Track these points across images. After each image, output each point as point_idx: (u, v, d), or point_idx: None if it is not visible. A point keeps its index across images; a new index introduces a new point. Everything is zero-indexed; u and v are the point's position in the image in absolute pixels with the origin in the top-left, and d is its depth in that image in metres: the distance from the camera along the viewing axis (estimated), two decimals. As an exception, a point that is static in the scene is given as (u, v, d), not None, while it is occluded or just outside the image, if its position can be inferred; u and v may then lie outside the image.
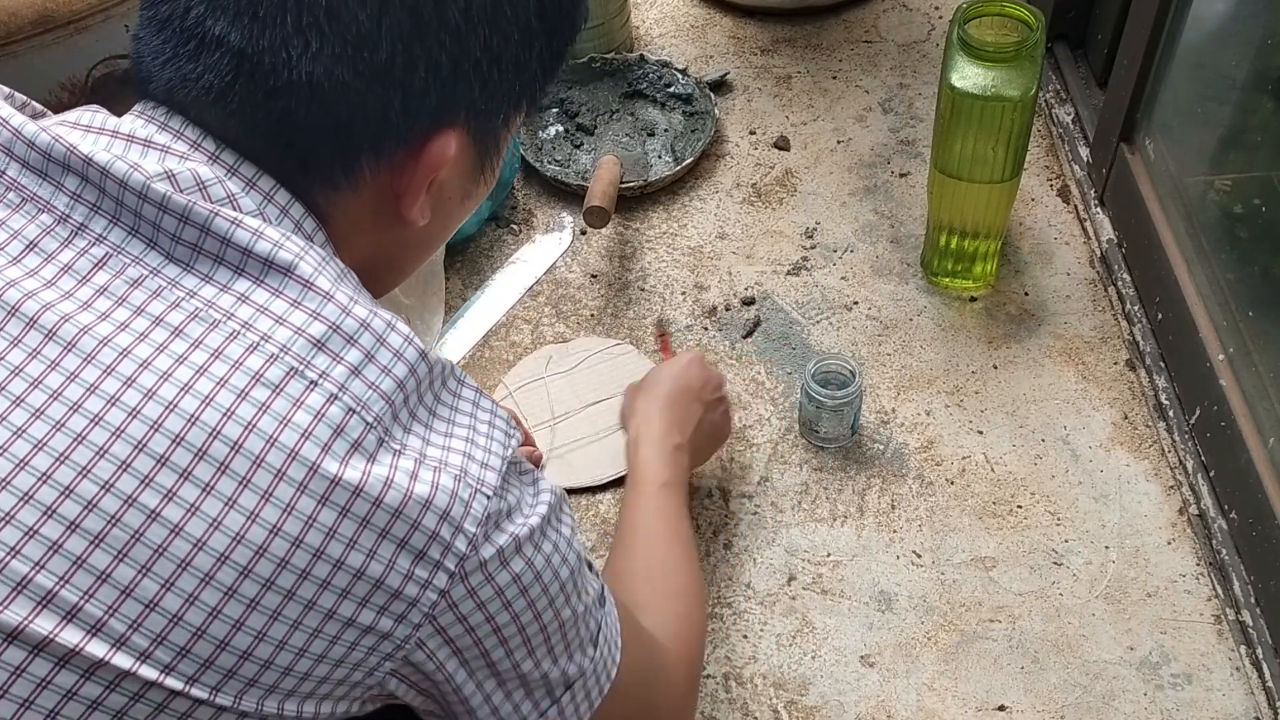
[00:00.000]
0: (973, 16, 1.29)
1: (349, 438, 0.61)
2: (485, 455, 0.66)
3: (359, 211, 0.70)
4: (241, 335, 0.62)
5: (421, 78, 0.65)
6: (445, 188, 0.72)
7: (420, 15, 0.64)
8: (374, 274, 0.74)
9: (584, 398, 1.38)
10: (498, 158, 0.74)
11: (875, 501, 1.29)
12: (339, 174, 0.67)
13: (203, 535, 0.59)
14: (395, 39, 0.64)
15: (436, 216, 0.72)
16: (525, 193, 1.62)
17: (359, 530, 0.61)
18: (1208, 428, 1.25)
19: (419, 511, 0.62)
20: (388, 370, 0.63)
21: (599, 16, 1.69)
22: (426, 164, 0.68)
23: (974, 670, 1.17)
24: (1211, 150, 1.45)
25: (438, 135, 0.67)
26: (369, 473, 0.61)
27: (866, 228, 1.54)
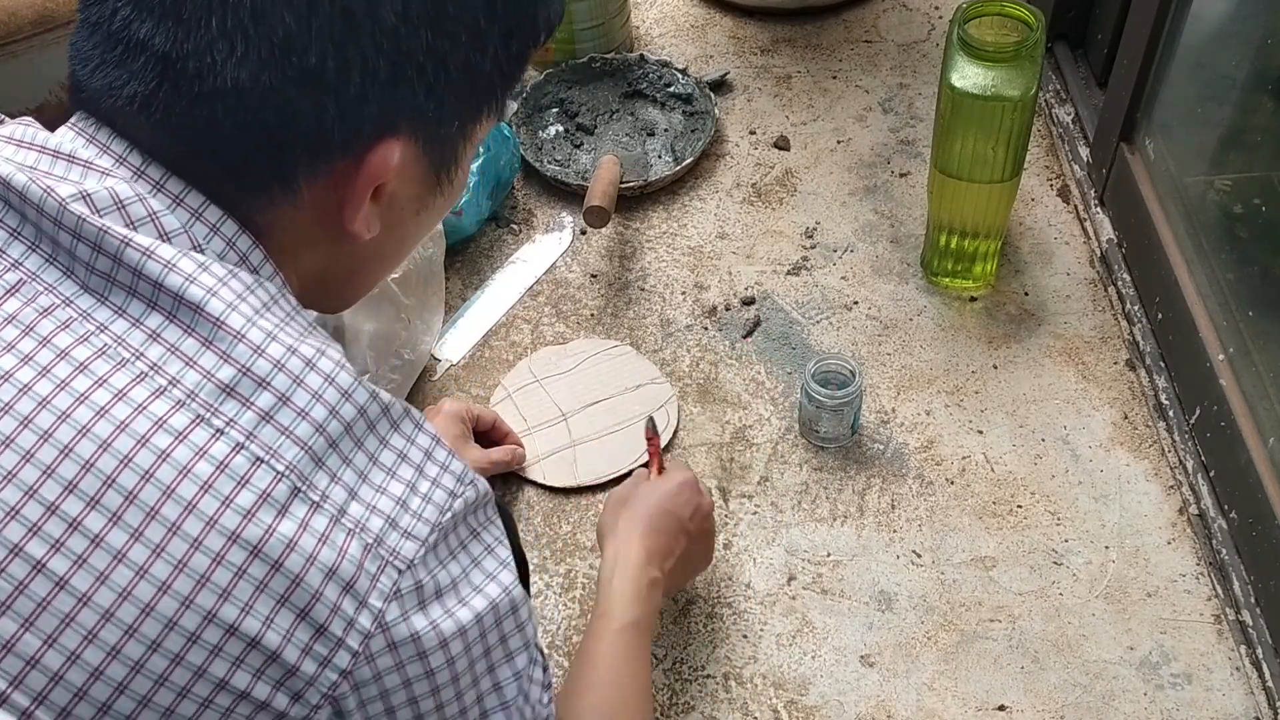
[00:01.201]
0: (973, 16, 1.29)
1: (254, 489, 0.57)
2: (412, 521, 0.60)
3: (301, 224, 0.65)
4: (149, 378, 0.58)
5: (357, 83, 0.61)
6: (396, 198, 0.67)
7: (352, 15, 0.60)
8: (330, 287, 0.71)
9: (583, 398, 1.38)
10: (457, 168, 0.69)
11: (875, 501, 1.29)
12: (274, 186, 0.63)
13: (88, 590, 0.55)
14: (326, 41, 0.59)
15: (389, 228, 0.68)
16: (525, 193, 1.62)
17: (255, 594, 0.57)
18: (1208, 428, 1.25)
19: (321, 580, 0.57)
20: (304, 413, 0.59)
21: (599, 16, 1.69)
22: (367, 174, 0.63)
23: (974, 670, 1.17)
24: (1211, 150, 1.45)
25: (380, 143, 0.63)
26: (273, 530, 0.57)
27: (866, 228, 1.54)
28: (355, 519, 0.59)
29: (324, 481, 0.59)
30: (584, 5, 1.67)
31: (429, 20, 0.61)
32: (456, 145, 0.68)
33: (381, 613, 0.59)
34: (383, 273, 0.75)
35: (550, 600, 1.24)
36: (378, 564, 0.59)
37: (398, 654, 0.60)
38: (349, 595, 0.58)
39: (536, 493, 1.32)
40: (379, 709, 0.61)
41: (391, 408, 0.62)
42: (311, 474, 0.58)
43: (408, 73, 0.62)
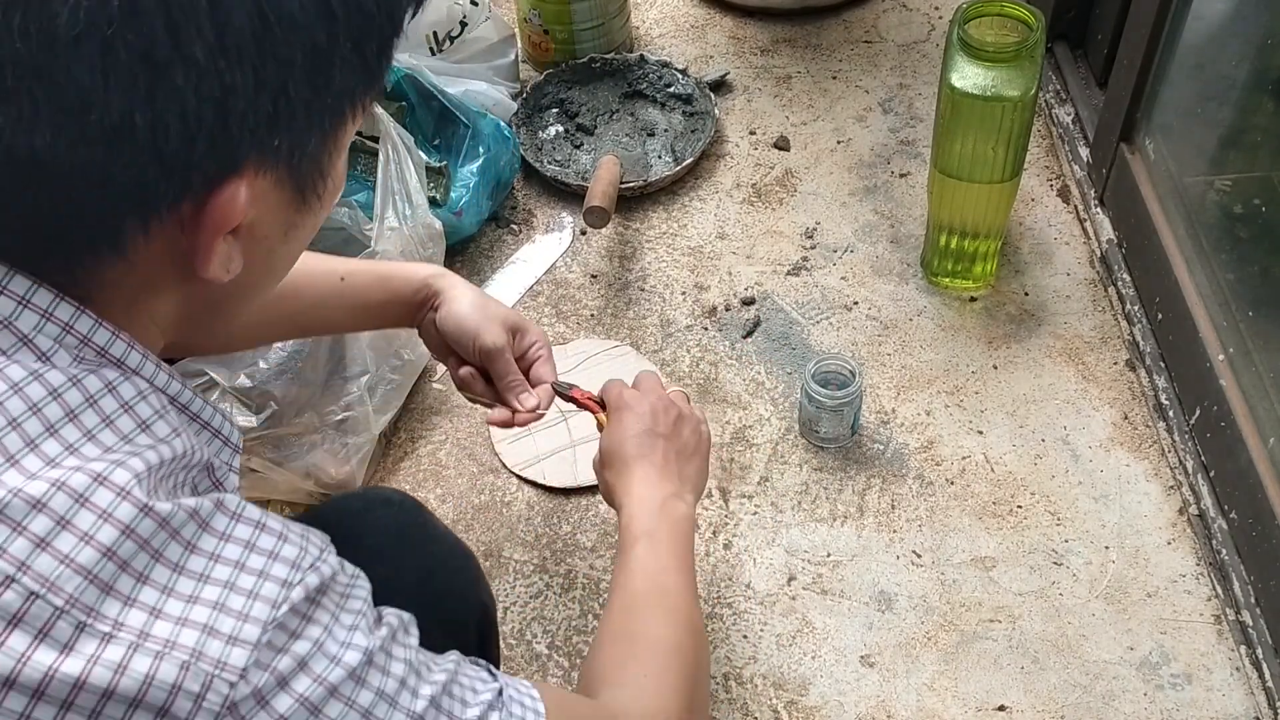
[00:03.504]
0: (973, 16, 1.29)
1: (30, 628, 0.50)
2: (237, 624, 0.54)
3: (140, 277, 0.58)
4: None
5: (178, 132, 0.53)
6: (257, 229, 0.60)
7: (154, 59, 0.51)
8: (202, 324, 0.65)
9: (584, 398, 1.38)
10: (324, 179, 0.62)
11: (875, 501, 1.29)
12: (102, 248, 0.56)
13: None
14: (128, 92, 0.51)
15: (254, 258, 0.61)
16: (525, 193, 1.62)
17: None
18: (1208, 428, 1.25)
19: (125, 712, 0.51)
20: (89, 537, 0.52)
21: (599, 17, 1.70)
22: (211, 223, 0.56)
23: (974, 670, 1.17)
24: (1211, 150, 1.45)
25: (221, 187, 0.55)
26: (54, 670, 0.50)
27: (866, 228, 1.54)
28: (162, 640, 0.52)
29: (115, 609, 0.52)
30: (584, 5, 1.67)
31: (250, 50, 0.53)
32: (320, 160, 0.61)
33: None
34: (257, 299, 0.68)
35: (550, 600, 1.24)
36: (201, 680, 0.52)
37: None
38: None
39: (536, 493, 1.32)
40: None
41: (198, 511, 0.55)
42: (98, 604, 0.52)
43: (239, 110, 0.54)
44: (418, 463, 1.35)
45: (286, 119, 0.56)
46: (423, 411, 1.39)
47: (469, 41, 1.62)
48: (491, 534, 1.29)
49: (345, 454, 1.27)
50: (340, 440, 1.26)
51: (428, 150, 1.50)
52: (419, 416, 1.39)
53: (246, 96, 0.54)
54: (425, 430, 1.38)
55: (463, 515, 1.31)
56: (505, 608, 1.23)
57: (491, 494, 1.32)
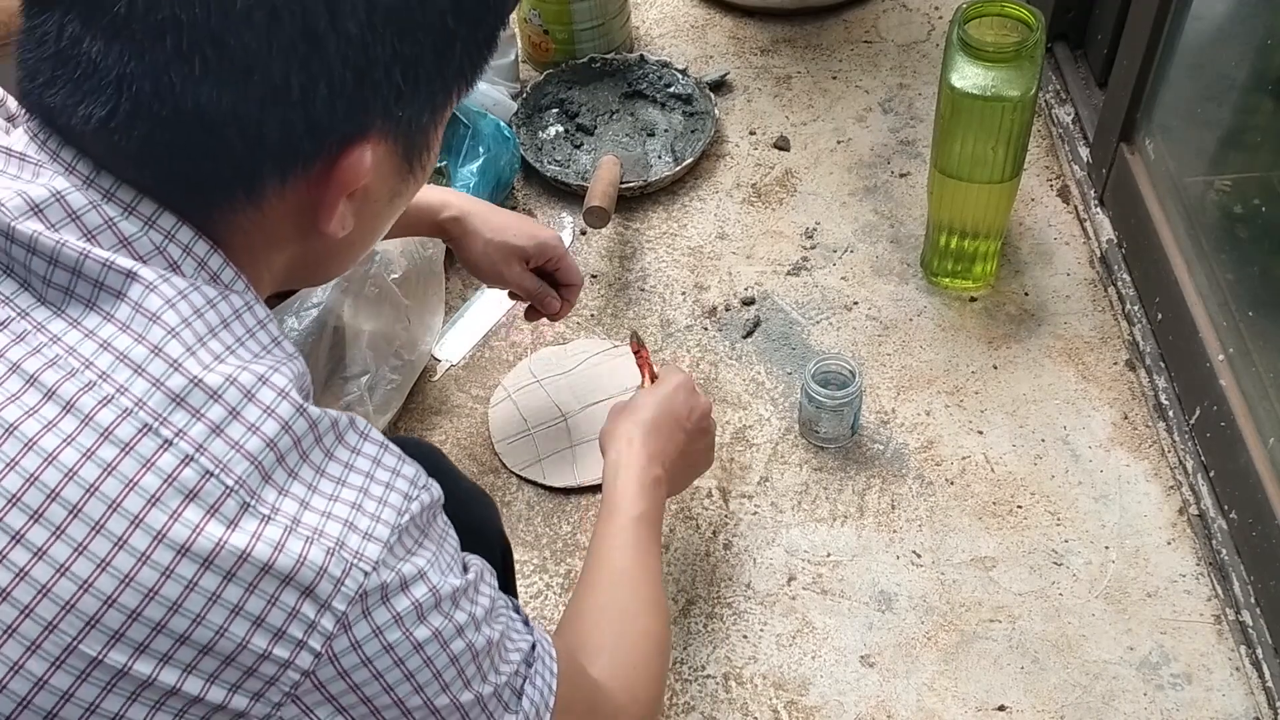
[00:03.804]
0: (973, 16, 1.29)
1: (204, 503, 0.57)
2: (371, 523, 0.61)
3: (270, 229, 0.65)
4: (97, 386, 0.58)
5: (324, 96, 0.59)
6: (369, 193, 0.67)
7: (315, 31, 0.58)
8: (303, 274, 0.72)
9: (583, 399, 1.38)
10: (428, 152, 0.69)
11: (875, 501, 1.29)
12: (240, 197, 0.62)
13: (30, 601, 0.55)
14: (289, 58, 0.58)
15: (363, 219, 0.68)
16: (525, 193, 1.62)
17: (207, 605, 0.56)
18: (1208, 428, 1.25)
19: (277, 586, 0.57)
20: (255, 428, 0.59)
21: (599, 17, 1.69)
22: (340, 181, 0.63)
23: (974, 670, 1.17)
24: (1211, 150, 1.45)
25: (351, 149, 0.62)
26: (223, 542, 0.56)
27: (866, 228, 1.54)
28: (311, 527, 0.59)
29: (272, 495, 0.59)
30: (584, 5, 1.67)
31: (395, 28, 0.60)
32: (427, 133, 0.68)
33: (345, 614, 0.59)
34: (357, 256, 0.75)
35: (550, 600, 1.24)
36: (342, 566, 0.59)
37: (363, 651, 0.61)
38: (309, 599, 0.58)
39: (536, 493, 1.32)
40: (353, 700, 0.62)
41: (338, 422, 0.62)
42: (260, 488, 0.58)
43: (375, 80, 0.61)
44: (418, 463, 1.35)
45: (411, 92, 0.63)
46: (423, 411, 1.39)
47: (469, 41, 1.62)
48: (491, 534, 1.29)
49: (345, 454, 1.27)
50: (340, 440, 1.26)
51: (428, 150, 1.50)
52: (419, 416, 1.39)
53: (384, 68, 0.61)
54: (425, 430, 1.38)
55: (463, 515, 1.31)
56: (505, 608, 1.23)
57: (491, 494, 1.32)
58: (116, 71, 0.58)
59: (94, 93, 0.59)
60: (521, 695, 0.72)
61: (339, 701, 0.61)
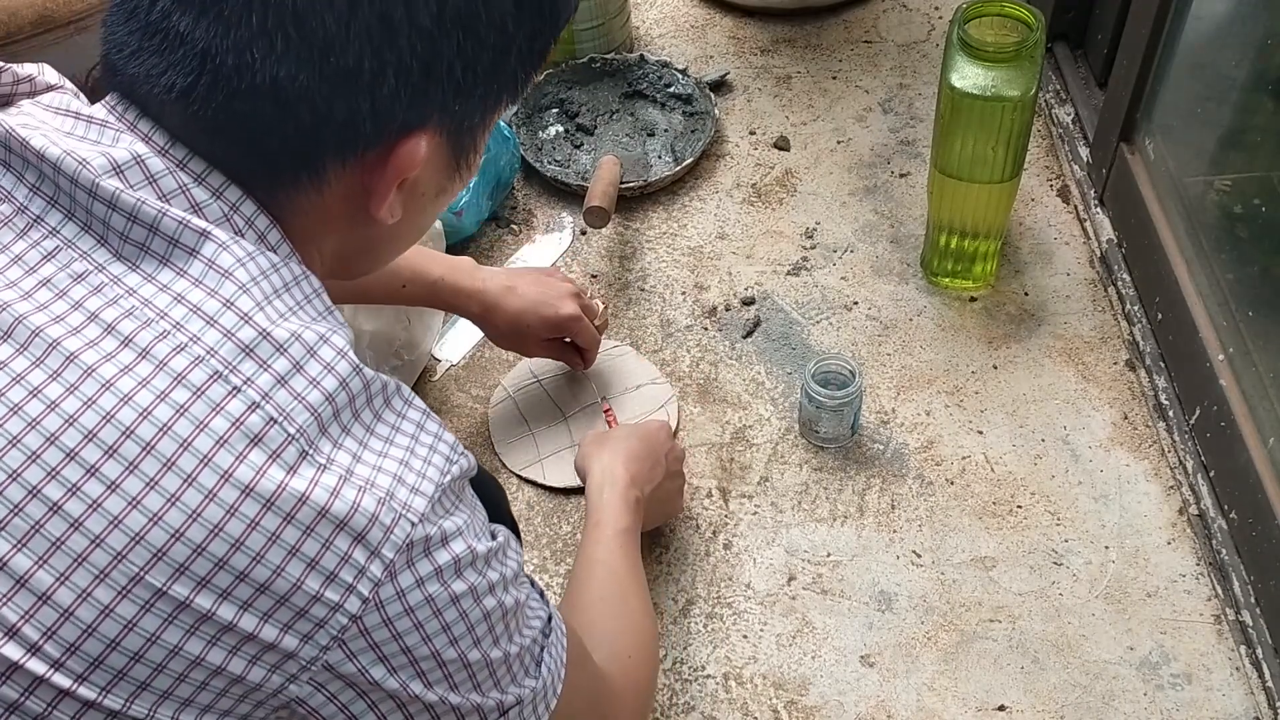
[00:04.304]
0: (973, 16, 1.29)
1: (267, 448, 0.60)
2: (417, 479, 0.64)
3: (324, 210, 0.68)
4: (171, 335, 0.61)
5: (391, 83, 0.63)
6: (419, 185, 0.70)
7: (391, 20, 0.62)
8: (348, 264, 0.75)
9: (583, 399, 1.38)
10: (475, 153, 0.72)
11: (875, 501, 1.29)
12: (303, 176, 0.66)
13: (101, 532, 0.58)
14: (364, 44, 0.62)
15: (409, 212, 0.71)
16: (525, 193, 1.62)
17: (267, 544, 0.59)
18: (1208, 428, 1.25)
19: (332, 531, 0.60)
20: (316, 382, 0.62)
21: (599, 17, 1.69)
22: (395, 167, 0.66)
23: (974, 670, 1.17)
24: (1211, 150, 1.45)
25: (408, 138, 0.65)
26: (284, 485, 0.59)
27: (866, 228, 1.54)
28: (364, 478, 0.62)
29: (328, 447, 0.61)
30: (584, 5, 1.67)
31: (462, 25, 0.64)
32: (477, 133, 0.71)
33: (392, 562, 0.62)
34: (400, 249, 0.79)
35: (550, 600, 1.24)
36: (392, 516, 0.62)
37: (406, 600, 0.63)
38: (360, 545, 0.61)
39: (536, 493, 1.32)
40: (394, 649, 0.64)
41: (387, 386, 0.66)
42: (317, 439, 0.61)
43: (439, 73, 0.64)
44: (418, 463, 1.35)
45: (468, 89, 0.66)
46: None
47: (469, 41, 1.62)
48: (491, 534, 1.29)
49: (345, 454, 1.27)
50: (340, 440, 1.26)
51: (428, 150, 1.50)
52: (419, 416, 1.39)
53: (448, 62, 0.64)
54: (425, 430, 1.38)
55: (463, 515, 1.31)
56: (505, 608, 1.23)
57: (491, 494, 1.32)
58: (203, 45, 0.61)
59: (179, 64, 0.62)
60: (540, 663, 0.76)
61: (381, 650, 0.64)
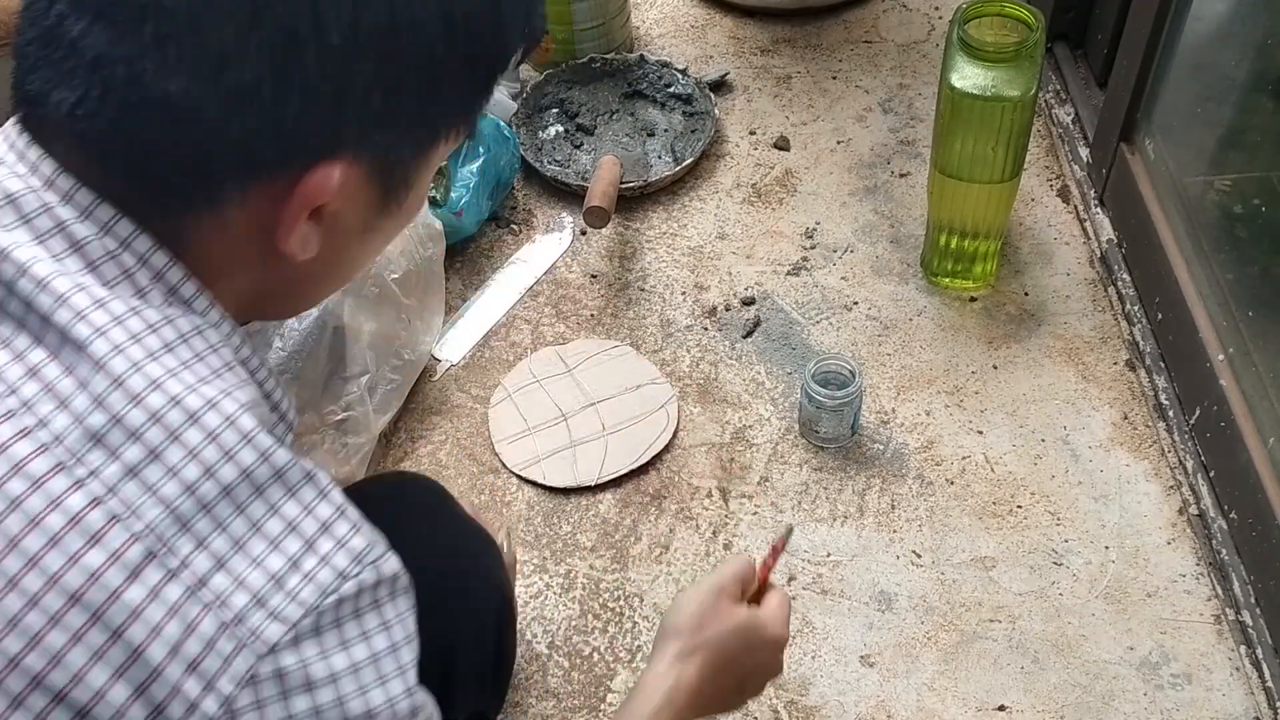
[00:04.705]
0: (973, 16, 1.29)
1: (106, 548, 0.53)
2: (283, 601, 0.54)
3: (231, 241, 0.61)
4: (17, 416, 0.55)
5: (296, 104, 0.56)
6: (339, 219, 0.62)
7: (296, 35, 0.55)
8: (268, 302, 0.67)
9: (583, 399, 1.39)
10: (410, 191, 0.65)
11: (875, 501, 1.29)
12: (201, 203, 0.59)
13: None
14: (264, 59, 0.55)
15: (329, 249, 0.63)
16: (525, 193, 1.62)
17: (90, 663, 0.52)
18: (1208, 428, 1.25)
19: (164, 656, 0.52)
20: (174, 471, 0.54)
21: (599, 17, 1.69)
22: (301, 196, 0.59)
23: (974, 670, 1.17)
24: (1211, 150, 1.45)
25: (318, 166, 0.58)
26: (118, 594, 0.52)
27: (866, 228, 1.54)
28: (216, 592, 0.54)
29: (187, 548, 0.54)
30: (584, 6, 1.67)
31: (379, 46, 0.57)
32: (409, 170, 0.64)
33: (231, 699, 0.53)
34: (327, 290, 0.71)
35: (550, 600, 1.24)
36: (233, 644, 0.53)
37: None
38: (194, 675, 0.53)
39: (536, 493, 1.32)
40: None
41: (288, 471, 0.57)
42: (174, 538, 0.54)
43: (353, 98, 0.58)
44: (418, 463, 1.35)
45: (390, 118, 0.60)
46: (423, 411, 1.39)
47: (469, 41, 1.62)
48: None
49: (345, 454, 1.27)
50: (340, 440, 1.26)
51: (428, 150, 1.50)
52: (419, 416, 1.39)
53: (363, 87, 0.58)
54: (425, 430, 1.38)
55: (463, 515, 1.31)
56: (505, 608, 1.24)
57: (491, 494, 1.32)
58: (94, 53, 0.56)
59: (68, 75, 0.56)
60: None
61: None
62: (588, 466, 1.32)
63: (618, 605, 1.23)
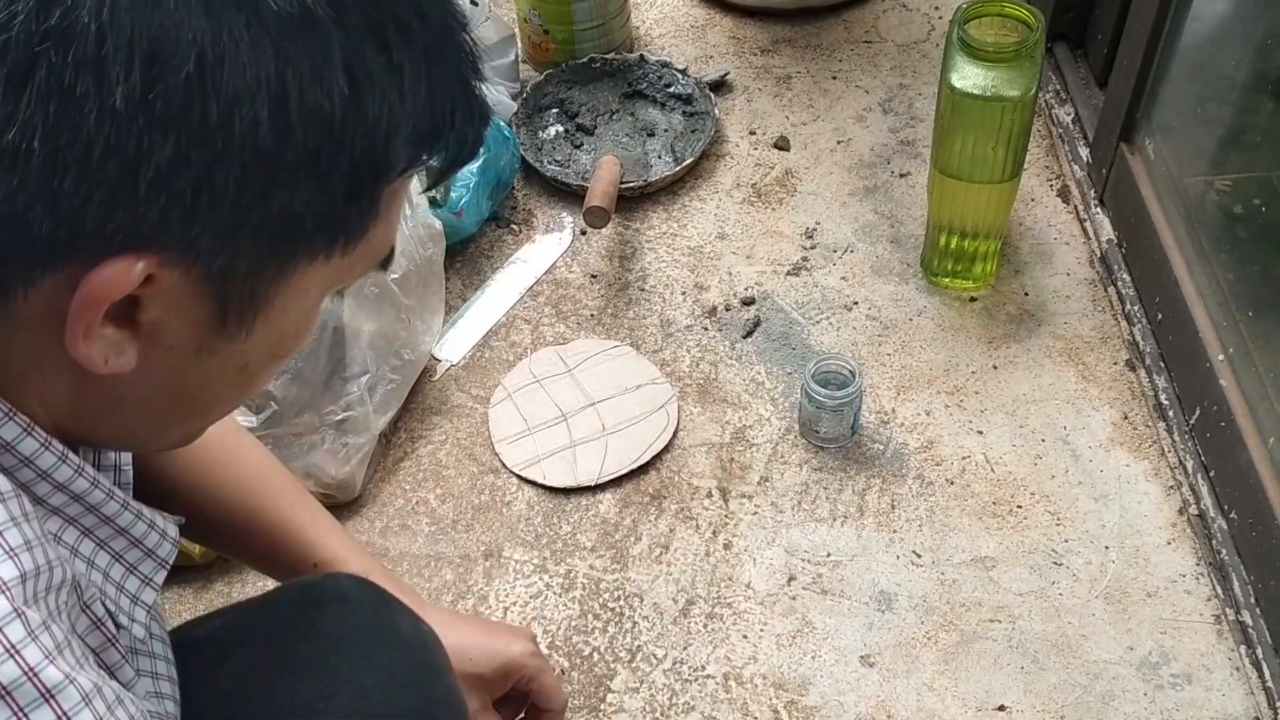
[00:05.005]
0: (973, 16, 1.29)
1: None
2: None
3: (29, 345, 0.51)
4: None
5: (73, 179, 0.46)
6: (162, 332, 0.52)
7: (73, 92, 0.45)
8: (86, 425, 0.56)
9: (583, 399, 1.39)
10: (256, 311, 0.53)
11: (875, 501, 1.29)
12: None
13: None
14: (34, 117, 0.45)
15: (153, 367, 0.53)
16: (525, 193, 1.62)
17: None
18: (1208, 428, 1.25)
19: None
20: None
21: (599, 17, 1.70)
22: (88, 293, 0.49)
23: (974, 670, 1.17)
24: (1211, 150, 1.45)
25: (114, 259, 0.48)
26: None
27: (866, 228, 1.54)
28: None
29: None
30: (584, 6, 1.67)
31: (179, 118, 0.46)
32: (256, 287, 0.52)
33: None
34: (161, 420, 0.59)
35: (550, 600, 1.24)
36: None
37: None
38: None
39: (536, 493, 1.32)
40: None
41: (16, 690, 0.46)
42: None
43: (154, 181, 0.47)
44: (418, 463, 1.35)
45: (210, 214, 0.49)
46: (423, 411, 1.39)
47: (469, 41, 1.62)
48: (491, 534, 1.29)
49: (345, 454, 1.27)
50: (340, 440, 1.27)
51: (428, 150, 1.50)
52: (419, 416, 1.39)
53: (162, 167, 0.47)
54: (425, 430, 1.38)
55: (463, 515, 1.31)
56: (505, 608, 1.23)
57: (491, 494, 1.32)
58: None
59: None
60: None
61: None
62: (588, 466, 1.32)
63: (618, 605, 1.23)
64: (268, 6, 0.47)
